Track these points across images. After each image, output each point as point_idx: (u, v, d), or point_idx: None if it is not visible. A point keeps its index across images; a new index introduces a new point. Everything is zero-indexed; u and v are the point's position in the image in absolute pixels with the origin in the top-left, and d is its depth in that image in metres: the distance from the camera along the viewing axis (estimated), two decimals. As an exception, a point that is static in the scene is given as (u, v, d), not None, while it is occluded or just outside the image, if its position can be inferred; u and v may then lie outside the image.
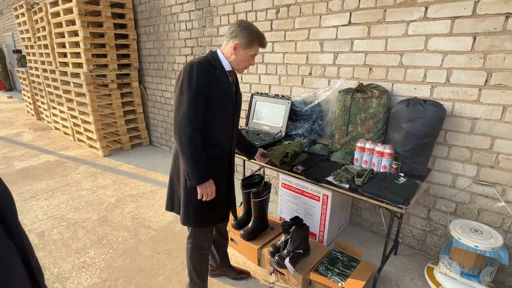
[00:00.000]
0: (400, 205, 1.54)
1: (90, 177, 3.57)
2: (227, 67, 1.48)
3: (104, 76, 4.16)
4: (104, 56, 4.13)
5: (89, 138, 4.49)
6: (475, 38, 1.75)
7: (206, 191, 1.44)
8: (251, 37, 1.43)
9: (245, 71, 3.04)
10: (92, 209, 2.86)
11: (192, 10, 3.42)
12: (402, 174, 1.84)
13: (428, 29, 1.90)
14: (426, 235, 2.22)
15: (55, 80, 4.92)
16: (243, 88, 3.16)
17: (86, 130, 4.48)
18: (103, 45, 4.11)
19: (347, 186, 1.76)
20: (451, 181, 2.02)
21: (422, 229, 2.23)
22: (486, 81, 1.77)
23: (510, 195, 1.82)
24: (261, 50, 2.85)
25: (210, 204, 1.51)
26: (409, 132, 1.87)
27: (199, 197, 1.45)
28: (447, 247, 1.88)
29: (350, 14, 2.21)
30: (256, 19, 2.82)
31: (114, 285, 1.94)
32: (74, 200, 3.02)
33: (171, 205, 1.66)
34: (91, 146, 4.52)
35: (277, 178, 3.05)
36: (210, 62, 1.43)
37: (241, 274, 1.99)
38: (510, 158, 1.77)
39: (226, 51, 1.47)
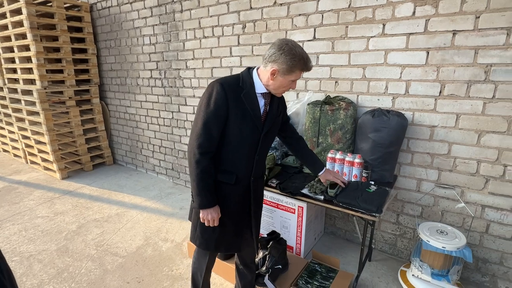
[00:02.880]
0: (374, 213, 1.58)
1: (47, 203, 3.26)
2: (261, 89, 1.34)
3: (61, 93, 3.88)
4: (61, 71, 3.86)
5: (45, 160, 4.12)
6: (428, 53, 1.90)
7: (207, 217, 1.36)
8: (292, 63, 1.24)
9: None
10: (50, 239, 2.59)
11: (156, 25, 3.34)
12: (373, 182, 1.91)
13: (386, 44, 2.03)
14: (396, 239, 2.31)
15: (3, 98, 4.49)
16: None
17: (40, 151, 4.12)
18: (59, 60, 3.85)
19: (322, 197, 1.78)
20: (416, 186, 2.13)
21: (392, 233, 2.31)
22: (440, 91, 1.91)
23: (468, 196, 1.96)
24: (229, 64, 2.86)
25: (217, 230, 1.43)
26: (376, 141, 1.96)
27: (201, 221, 1.38)
28: (417, 249, 1.96)
29: (315, 30, 2.30)
30: (222, 34, 2.82)
31: (78, 324, 1.75)
32: (27, 231, 2.72)
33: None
34: (46, 169, 4.16)
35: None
36: (238, 83, 1.31)
37: None
38: (465, 161, 1.92)
39: (263, 75, 1.32)
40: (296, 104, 2.38)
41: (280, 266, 1.93)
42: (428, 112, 1.98)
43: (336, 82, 2.30)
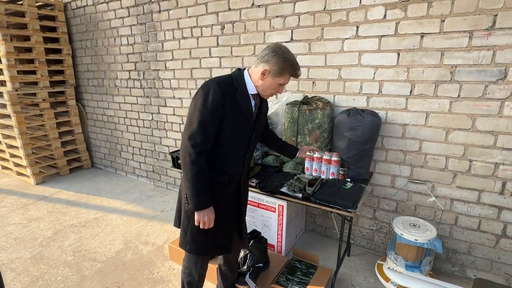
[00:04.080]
0: (349, 209, 1.63)
1: (20, 210, 3.13)
2: (252, 90, 1.36)
3: (34, 95, 3.74)
4: (33, 72, 3.72)
5: (17, 165, 3.95)
6: (399, 54, 1.99)
7: (203, 219, 1.33)
8: (283, 66, 1.29)
9: (194, 85, 3.02)
10: (23, 246, 2.49)
11: (133, 25, 3.29)
12: (349, 179, 1.97)
13: (360, 46, 2.10)
14: (374, 234, 2.39)
15: (-30, 100, 4.26)
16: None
17: (12, 156, 3.94)
18: (31, 61, 3.70)
19: (300, 195, 1.82)
20: (391, 182, 2.22)
21: (370, 228, 2.40)
22: (410, 91, 2.00)
23: (438, 191, 2.06)
24: (209, 65, 2.86)
25: (209, 233, 1.41)
26: (351, 139, 2.02)
27: (196, 223, 1.35)
28: (392, 243, 2.04)
29: (292, 31, 2.34)
30: (201, 35, 2.82)
31: (54, 333, 1.70)
32: (-1, 239, 2.60)
33: (178, 222, 1.52)
34: (20, 174, 3.98)
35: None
36: (232, 83, 1.33)
37: None
38: (435, 157, 2.02)
39: (254, 75, 1.35)
40: (275, 104, 2.42)
41: (261, 265, 1.95)
42: (400, 111, 2.07)
43: (313, 82, 2.35)
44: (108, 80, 3.81)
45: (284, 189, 1.88)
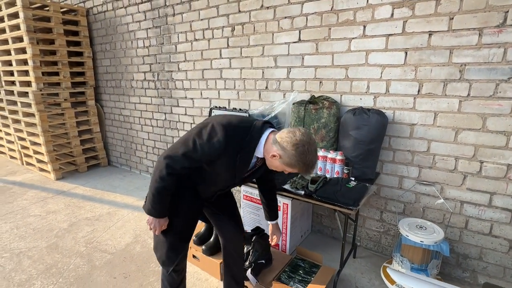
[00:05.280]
0: (350, 207, 1.62)
1: (40, 203, 3.30)
2: (259, 154, 1.29)
3: (57, 95, 3.95)
4: (57, 74, 3.94)
5: (40, 161, 4.17)
6: (406, 53, 1.97)
7: (152, 224, 1.35)
8: (296, 164, 1.22)
9: (204, 86, 3.09)
10: (41, 236, 2.63)
11: (149, 28, 3.43)
12: (353, 178, 1.95)
13: (367, 45, 2.09)
14: (381, 236, 2.34)
15: (0, 100, 4.56)
16: (202, 103, 3.18)
17: (36, 152, 4.17)
18: (55, 63, 3.92)
19: (302, 192, 1.82)
20: (398, 183, 2.18)
21: (377, 230, 2.35)
22: (418, 90, 1.97)
23: (447, 193, 2.00)
24: (219, 65, 2.93)
25: (175, 241, 1.44)
26: (357, 139, 2.01)
27: (146, 222, 1.39)
28: (398, 245, 1.99)
29: (300, 32, 2.37)
30: (213, 37, 2.90)
31: (63, 317, 1.78)
32: (19, 229, 2.75)
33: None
34: (41, 170, 4.20)
35: (239, 191, 3.05)
36: (243, 138, 1.24)
37: None
38: (444, 158, 1.97)
39: (268, 147, 1.26)
40: (282, 103, 2.44)
41: (263, 261, 1.97)
42: (407, 111, 2.04)
43: (320, 82, 2.36)
44: (125, 81, 3.97)
45: (286, 186, 1.89)
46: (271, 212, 1.75)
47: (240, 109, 2.61)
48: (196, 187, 1.44)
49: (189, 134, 1.28)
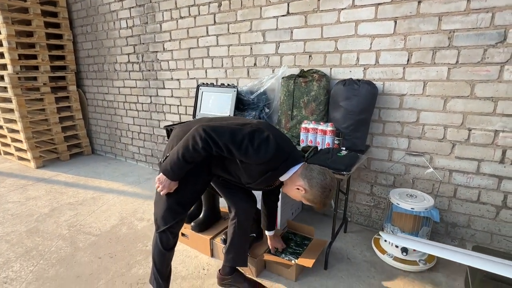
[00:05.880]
0: (342, 172, 1.60)
1: (19, 190, 3.14)
2: (282, 179, 1.36)
3: (35, 79, 3.77)
4: (34, 57, 3.75)
5: (19, 149, 3.99)
6: (396, 22, 1.95)
7: (164, 184, 1.34)
8: (317, 201, 1.33)
9: (191, 65, 3.01)
10: (20, 221, 2.50)
11: (132, 7, 3.30)
12: (344, 148, 1.93)
13: (356, 15, 2.07)
14: (371, 210, 2.34)
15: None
16: (189, 84, 3.10)
17: (14, 140, 3.98)
18: (32, 46, 3.74)
19: (293, 161, 1.78)
20: (388, 155, 2.18)
21: (367, 205, 2.35)
22: (408, 60, 1.96)
23: (436, 162, 2.01)
24: (206, 43, 2.85)
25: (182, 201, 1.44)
26: (347, 109, 1.99)
27: (156, 180, 1.37)
28: (388, 216, 1.99)
29: (288, 4, 2.32)
30: (199, 13, 2.81)
31: (44, 297, 1.69)
32: (-4, 215, 2.61)
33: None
34: (21, 159, 4.02)
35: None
36: (282, 159, 1.29)
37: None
38: (433, 128, 1.97)
39: (294, 178, 1.34)
40: (271, 78, 2.39)
41: (255, 235, 1.93)
42: (397, 81, 2.03)
43: (310, 56, 2.32)
44: (108, 65, 3.82)
45: (277, 157, 1.85)
46: (270, 221, 1.83)
47: (228, 85, 2.54)
48: (212, 166, 1.45)
49: (241, 126, 1.29)
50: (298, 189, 1.33)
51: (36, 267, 1.93)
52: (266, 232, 1.85)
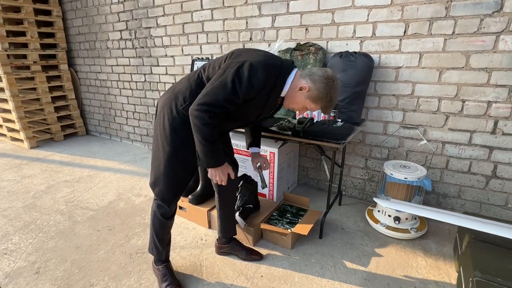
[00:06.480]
0: (338, 141, 1.62)
1: (13, 169, 3.12)
2: (283, 93, 1.31)
3: (25, 57, 3.67)
4: (23, 34, 3.64)
5: (11, 130, 3.93)
6: (393, -8, 1.93)
7: (218, 176, 1.33)
8: (323, 96, 1.26)
9: (185, 41, 2.95)
10: (16, 198, 2.50)
11: (123, -20, 3.19)
12: (340, 120, 1.95)
13: (354, -14, 2.03)
14: (365, 184, 2.39)
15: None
16: (184, 60, 3.05)
17: (6, 120, 3.92)
18: (20, 22, 3.61)
19: (289, 133, 1.80)
20: (383, 129, 2.20)
21: (361, 178, 2.40)
22: (405, 31, 1.95)
23: (430, 134, 2.04)
24: (200, 18, 2.79)
25: (179, 171, 1.38)
26: (343, 81, 1.99)
27: (210, 175, 1.34)
28: (382, 187, 2.04)
29: (284, -25, 2.27)
30: (193, -14, 2.74)
31: (45, 266, 1.71)
32: (-8, 192, 2.61)
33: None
34: (14, 139, 3.97)
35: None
36: (277, 75, 1.24)
37: (252, 255, 1.74)
38: (427, 100, 1.99)
39: (296, 82, 1.28)
40: (267, 52, 2.36)
41: (251, 206, 1.96)
42: (393, 53, 2.02)
43: (306, 29, 2.30)
44: (99, 43, 3.73)
45: (273, 128, 1.86)
46: (254, 139, 1.67)
47: (223, 60, 2.51)
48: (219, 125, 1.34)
49: (223, 76, 1.20)
50: (301, 90, 1.27)
51: (36, 240, 1.95)
52: (250, 149, 1.69)
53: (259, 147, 1.70)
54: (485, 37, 1.75)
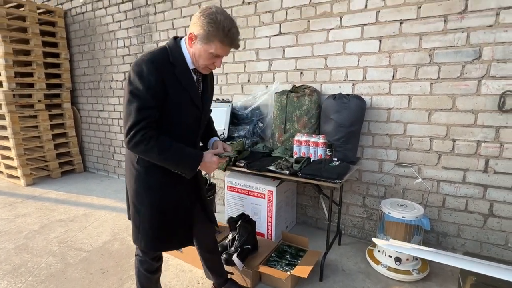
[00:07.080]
0: (335, 181, 1.65)
1: (7, 207, 3.07)
2: (191, 65, 1.21)
3: (30, 96, 3.79)
4: (30, 75, 3.80)
5: (9, 167, 3.93)
6: (380, 41, 2.09)
7: (210, 167, 1.25)
8: (210, 29, 1.10)
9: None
10: (8, 238, 2.44)
11: (130, 27, 3.42)
12: (336, 159, 1.99)
13: (344, 35, 2.20)
14: (364, 222, 2.38)
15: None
16: (185, 100, 3.17)
17: (5, 157, 3.93)
18: (29, 64, 3.79)
19: (287, 172, 1.83)
20: (378, 167, 2.25)
21: (360, 216, 2.38)
22: (393, 75, 2.08)
23: (424, 173, 2.09)
24: (201, 61, 2.94)
25: (164, 226, 1.28)
26: (338, 122, 2.07)
27: (206, 172, 1.31)
28: (381, 226, 2.03)
29: (280, 25, 2.46)
30: (195, 33, 2.93)
31: (32, 313, 1.63)
32: (-17, 232, 2.54)
33: (129, 214, 1.39)
34: (10, 176, 3.95)
35: (223, 189, 3.01)
36: (168, 58, 1.16)
37: None
38: (420, 139, 2.06)
39: (188, 45, 1.18)
40: (264, 94, 2.48)
41: (250, 247, 1.92)
42: (384, 96, 2.14)
43: (301, 72, 2.44)
44: (103, 83, 3.89)
45: (271, 167, 1.90)
46: (207, 135, 1.50)
47: (223, 100, 2.62)
48: (172, 137, 1.22)
49: (125, 98, 1.15)
50: (191, 40, 1.15)
51: (25, 284, 1.87)
52: (210, 142, 1.49)
53: (216, 135, 1.54)
54: (468, 82, 1.87)
